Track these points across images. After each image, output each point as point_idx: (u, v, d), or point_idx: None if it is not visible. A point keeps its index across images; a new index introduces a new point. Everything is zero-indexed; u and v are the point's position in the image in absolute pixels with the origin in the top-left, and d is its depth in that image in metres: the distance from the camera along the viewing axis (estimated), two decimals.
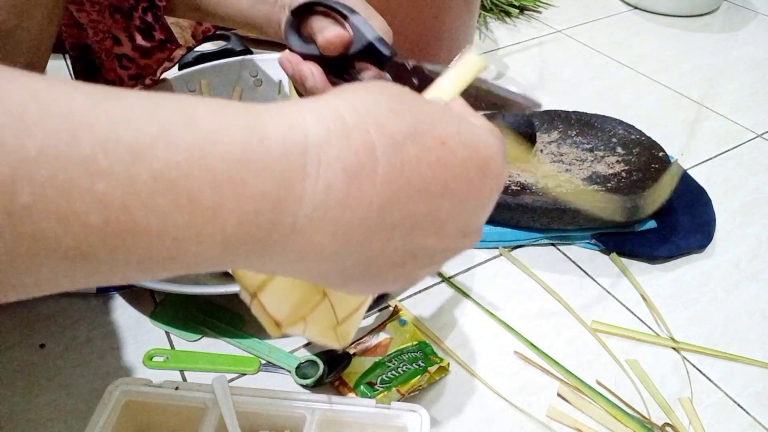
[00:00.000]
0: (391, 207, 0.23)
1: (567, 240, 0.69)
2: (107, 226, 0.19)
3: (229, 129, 0.21)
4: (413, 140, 0.24)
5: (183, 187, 0.19)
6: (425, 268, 0.28)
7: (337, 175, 0.22)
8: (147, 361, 0.55)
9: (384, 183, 0.23)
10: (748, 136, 0.88)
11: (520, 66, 1.03)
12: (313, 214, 0.22)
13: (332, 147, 0.22)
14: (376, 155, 0.23)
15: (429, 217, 0.25)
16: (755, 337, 0.59)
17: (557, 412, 0.52)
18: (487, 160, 0.26)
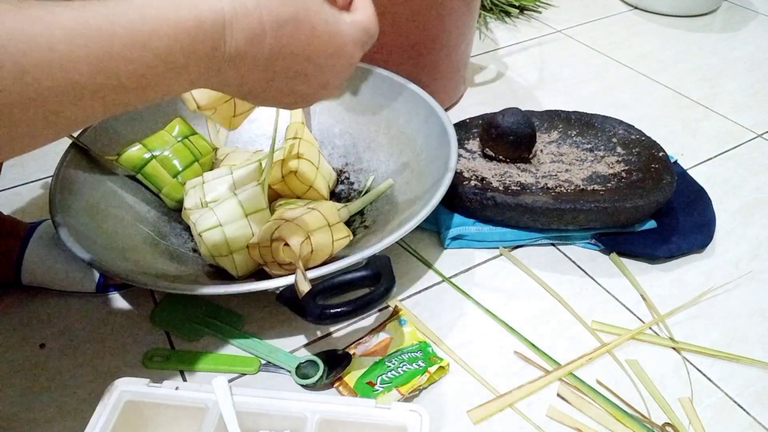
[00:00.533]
0: (274, 61, 0.38)
1: (567, 240, 0.69)
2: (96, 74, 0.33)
3: (184, 21, 0.34)
4: (292, 24, 0.38)
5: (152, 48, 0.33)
6: (300, 101, 0.43)
7: (241, 41, 0.36)
8: (147, 361, 0.55)
9: (270, 46, 0.37)
10: (748, 136, 0.88)
11: (520, 66, 1.04)
12: (230, 61, 0.37)
13: (239, 23, 0.36)
14: (265, 29, 0.37)
15: (299, 72, 0.40)
16: (755, 337, 0.59)
17: (557, 412, 0.52)
18: (342, 45, 0.41)
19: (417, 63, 0.82)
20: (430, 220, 0.70)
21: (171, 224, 0.67)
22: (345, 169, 0.76)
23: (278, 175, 0.65)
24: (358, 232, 0.66)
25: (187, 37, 0.34)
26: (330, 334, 0.59)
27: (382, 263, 0.52)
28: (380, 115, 0.76)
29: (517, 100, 0.94)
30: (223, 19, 0.35)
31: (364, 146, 0.76)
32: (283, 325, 0.59)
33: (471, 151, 0.77)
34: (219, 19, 0.35)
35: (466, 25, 0.85)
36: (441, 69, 0.86)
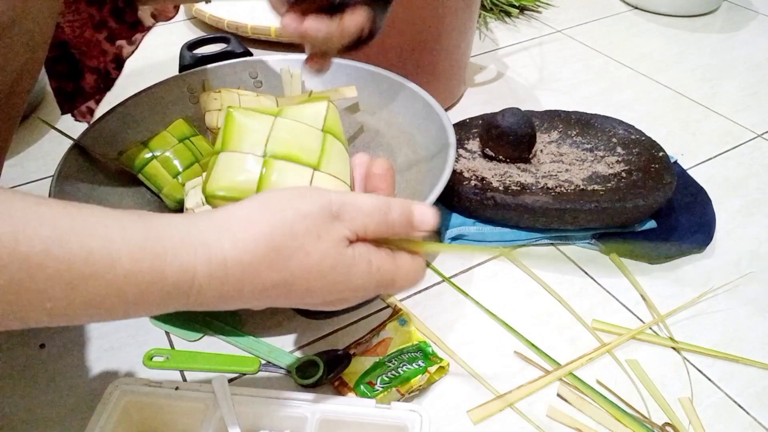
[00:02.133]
0: (261, 301, 0.35)
1: (567, 240, 0.69)
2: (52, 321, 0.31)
3: (139, 273, 0.31)
4: (280, 287, 0.34)
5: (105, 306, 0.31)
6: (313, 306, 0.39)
7: (211, 298, 0.33)
8: (147, 361, 0.55)
9: (246, 302, 0.35)
10: (748, 136, 0.88)
11: (520, 66, 1.04)
12: (194, 305, 0.34)
13: (211, 286, 0.33)
14: (243, 293, 0.34)
15: (298, 299, 0.36)
16: (755, 337, 0.59)
17: (557, 412, 0.52)
18: (347, 300, 0.37)
19: (417, 63, 0.82)
20: None
21: None
22: None
23: None
24: None
25: (141, 287, 0.31)
26: (330, 334, 0.59)
27: None
28: (380, 115, 0.76)
29: (517, 100, 0.94)
30: (191, 283, 0.32)
31: (364, 146, 0.76)
32: (283, 325, 0.59)
33: (471, 151, 0.77)
34: (187, 281, 0.32)
35: (466, 25, 0.85)
36: (441, 69, 0.86)
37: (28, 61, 0.48)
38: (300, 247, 0.34)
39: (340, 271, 0.35)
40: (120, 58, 0.66)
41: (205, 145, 0.70)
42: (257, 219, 0.34)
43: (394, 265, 0.38)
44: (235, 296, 0.34)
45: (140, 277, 0.31)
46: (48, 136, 0.86)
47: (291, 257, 0.34)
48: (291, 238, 0.34)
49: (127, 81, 0.99)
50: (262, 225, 0.34)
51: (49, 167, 0.80)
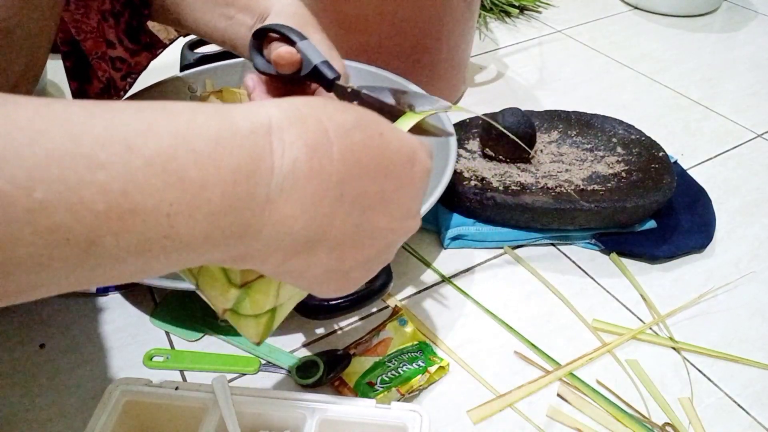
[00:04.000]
0: (347, 182, 0.27)
1: (567, 240, 0.69)
2: (111, 210, 0.22)
3: (205, 118, 0.24)
4: (358, 129, 0.28)
5: (172, 168, 0.23)
6: (382, 254, 0.32)
7: (300, 150, 0.26)
8: (147, 361, 0.55)
9: (339, 160, 0.27)
10: (748, 136, 0.88)
11: (520, 66, 1.04)
12: (283, 184, 0.25)
13: (293, 128, 0.26)
14: (329, 136, 0.27)
15: (378, 197, 0.29)
16: (755, 337, 0.59)
17: (557, 412, 0.52)
18: (415, 152, 0.31)
19: (417, 63, 0.82)
20: (430, 220, 0.70)
21: None
22: None
23: None
24: None
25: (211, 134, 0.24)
26: (330, 334, 0.59)
27: None
28: None
29: (517, 100, 0.94)
30: (268, 125, 0.26)
31: None
32: (283, 325, 0.59)
33: (471, 151, 0.77)
34: (263, 124, 0.25)
35: (466, 25, 0.85)
36: (441, 69, 0.86)
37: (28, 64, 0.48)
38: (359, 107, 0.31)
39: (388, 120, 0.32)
40: (131, 72, 0.66)
41: None
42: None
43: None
44: (325, 143, 0.26)
45: (207, 122, 0.24)
46: None
47: (348, 106, 0.30)
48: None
49: None
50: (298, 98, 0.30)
51: None
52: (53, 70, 1.01)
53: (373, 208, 0.29)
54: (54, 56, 1.10)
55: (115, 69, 0.64)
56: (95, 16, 0.59)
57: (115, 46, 0.62)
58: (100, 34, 0.60)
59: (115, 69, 0.64)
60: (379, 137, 0.29)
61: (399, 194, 0.30)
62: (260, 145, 0.25)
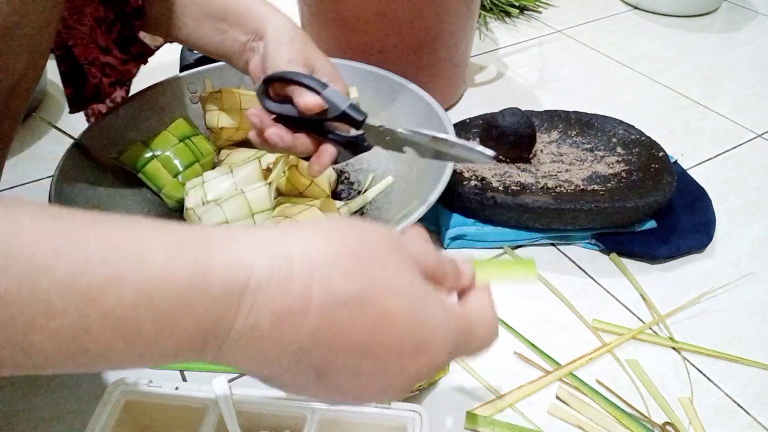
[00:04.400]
0: (309, 353, 0.25)
1: (567, 240, 0.69)
2: (59, 352, 0.22)
3: (177, 270, 0.23)
4: (353, 305, 0.25)
5: (128, 324, 0.23)
6: (341, 401, 0.30)
7: (265, 317, 0.24)
8: None
9: (309, 333, 0.25)
10: (748, 136, 0.88)
11: (520, 66, 1.04)
12: (237, 343, 0.25)
13: (269, 291, 0.24)
14: (309, 308, 0.25)
15: (346, 370, 0.26)
16: (755, 337, 0.59)
17: (559, 409, 0.52)
18: (427, 342, 0.27)
19: (417, 63, 0.82)
20: (430, 220, 0.70)
21: None
22: (345, 170, 0.76)
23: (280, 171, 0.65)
24: None
25: (178, 291, 0.23)
26: None
27: None
28: (380, 115, 0.76)
29: (517, 100, 0.94)
30: (245, 283, 0.24)
31: None
32: None
33: None
34: (240, 281, 0.24)
35: (466, 25, 0.85)
36: (441, 69, 0.86)
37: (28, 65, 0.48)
38: (377, 257, 0.27)
39: (419, 292, 0.28)
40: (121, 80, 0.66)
41: (206, 144, 0.70)
42: (326, 223, 0.28)
43: (465, 307, 0.31)
44: (300, 315, 0.25)
45: (178, 276, 0.23)
46: (48, 136, 0.86)
47: (368, 266, 0.26)
48: (365, 245, 0.27)
49: None
50: (331, 227, 0.27)
51: (49, 167, 0.80)
52: (53, 70, 1.01)
53: (335, 376, 0.27)
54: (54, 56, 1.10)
55: (104, 75, 0.64)
56: (88, 22, 0.59)
57: (106, 53, 0.62)
58: (92, 40, 0.61)
59: (104, 75, 0.64)
60: (380, 317, 0.26)
61: (379, 373, 0.27)
62: (227, 310, 0.24)
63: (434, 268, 0.30)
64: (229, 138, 0.72)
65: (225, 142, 0.72)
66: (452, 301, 0.31)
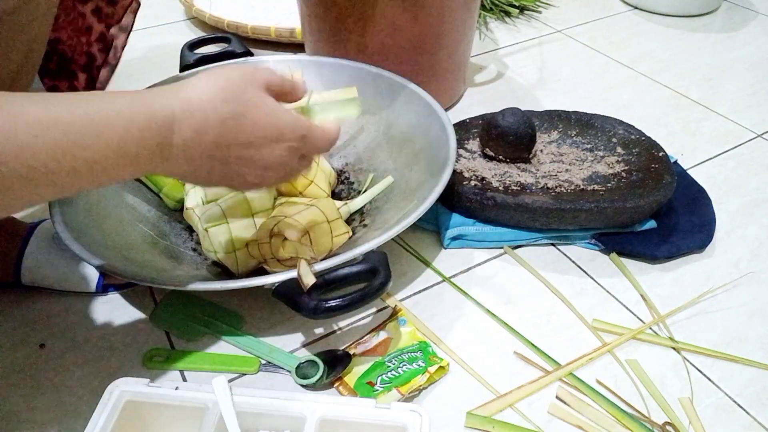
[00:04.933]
0: (217, 149, 0.43)
1: (567, 240, 0.69)
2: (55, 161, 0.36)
3: (138, 112, 0.40)
4: (233, 118, 0.43)
5: (122, 146, 0.39)
6: (246, 184, 0.47)
7: (188, 134, 0.42)
8: (147, 361, 0.55)
9: (213, 138, 0.42)
10: (748, 136, 0.88)
11: (520, 66, 1.04)
12: (178, 152, 0.42)
13: (185, 118, 0.41)
14: (209, 125, 0.42)
15: (242, 157, 0.44)
16: (755, 338, 0.59)
17: (559, 408, 0.52)
18: (283, 133, 0.45)
19: (417, 63, 0.82)
20: (430, 220, 0.70)
21: (171, 223, 0.67)
22: (345, 169, 0.76)
23: None
24: (357, 231, 0.66)
25: (138, 131, 0.39)
26: (330, 334, 0.59)
27: (379, 259, 0.52)
28: (380, 115, 0.76)
29: (517, 100, 0.94)
30: (172, 116, 0.41)
31: (364, 146, 0.76)
32: (283, 325, 0.59)
33: (471, 151, 0.77)
34: (168, 116, 0.40)
35: (467, 25, 0.85)
36: (441, 69, 0.86)
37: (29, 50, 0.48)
38: (238, 88, 0.43)
39: (270, 105, 0.45)
40: (106, 38, 0.67)
41: None
42: (206, 76, 0.44)
43: (307, 119, 0.48)
44: (203, 129, 0.42)
45: (139, 113, 0.39)
46: None
47: (235, 94, 0.43)
48: (232, 82, 0.43)
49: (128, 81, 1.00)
50: (212, 76, 0.43)
51: None
52: None
53: (237, 164, 0.45)
54: None
55: (99, 19, 0.67)
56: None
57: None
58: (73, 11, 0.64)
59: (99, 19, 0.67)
60: (251, 123, 0.43)
61: (259, 157, 0.45)
62: (168, 129, 0.41)
63: (279, 88, 0.48)
64: None
65: None
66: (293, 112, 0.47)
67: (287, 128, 0.45)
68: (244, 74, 0.44)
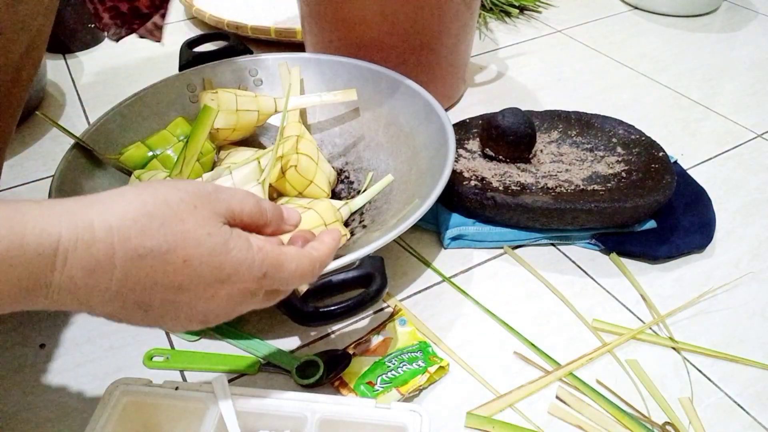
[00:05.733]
0: (129, 294, 0.33)
1: (567, 240, 0.69)
2: None
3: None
4: (153, 256, 0.32)
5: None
6: (176, 327, 0.37)
7: (78, 272, 0.31)
8: (147, 361, 0.55)
9: (118, 280, 0.32)
10: (748, 136, 0.88)
11: (520, 66, 1.04)
12: (61, 292, 0.31)
13: (77, 252, 0.30)
14: (114, 262, 0.31)
15: (167, 303, 0.34)
16: (755, 338, 0.59)
17: (559, 408, 0.52)
18: (230, 276, 0.35)
19: (417, 63, 0.82)
20: (430, 220, 0.70)
21: None
22: (345, 169, 0.76)
23: (278, 172, 0.65)
24: (356, 232, 0.66)
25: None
26: (330, 334, 0.59)
27: (375, 264, 0.52)
28: (380, 115, 0.76)
29: (517, 100, 0.94)
30: (55, 247, 0.30)
31: (364, 145, 0.76)
32: (283, 325, 0.59)
33: (471, 151, 0.77)
34: (49, 246, 0.30)
35: (467, 25, 0.85)
36: (441, 69, 0.86)
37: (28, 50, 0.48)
38: (174, 215, 0.33)
39: (218, 240, 0.34)
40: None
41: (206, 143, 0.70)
42: (126, 192, 0.33)
43: (279, 250, 0.37)
44: (107, 268, 0.31)
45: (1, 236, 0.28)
46: (48, 135, 0.86)
47: (164, 224, 0.33)
48: (164, 206, 0.33)
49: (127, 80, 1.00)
50: (131, 196, 0.33)
51: (49, 167, 0.80)
52: (53, 71, 1.01)
53: (161, 308, 0.34)
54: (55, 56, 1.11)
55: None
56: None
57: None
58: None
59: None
60: (182, 262, 0.33)
61: (194, 303, 0.35)
62: (43, 267, 0.30)
63: (251, 218, 0.37)
64: (225, 138, 0.72)
65: (222, 142, 0.72)
66: (262, 242, 0.37)
67: (241, 268, 0.35)
68: (192, 196, 0.34)
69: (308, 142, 0.67)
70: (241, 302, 0.37)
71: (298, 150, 0.65)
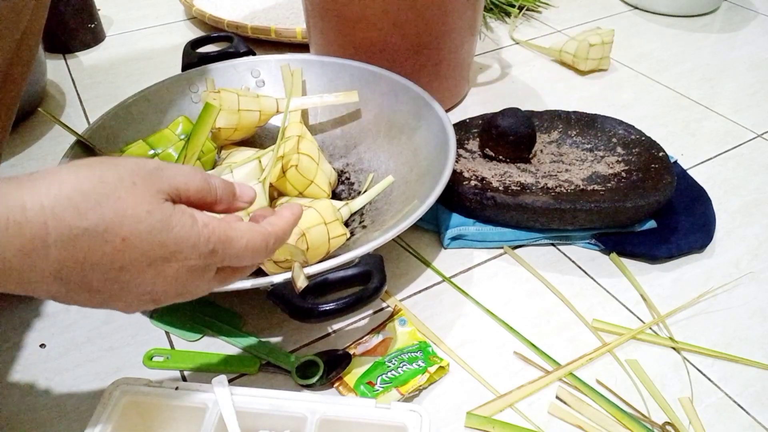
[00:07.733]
0: (67, 276, 0.32)
1: (567, 240, 0.69)
2: None
3: None
4: (90, 235, 0.31)
5: None
6: (128, 307, 0.36)
7: (13, 253, 0.30)
8: (147, 361, 0.56)
9: (56, 261, 0.31)
10: (748, 136, 0.88)
11: (521, 66, 1.03)
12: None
13: (9, 234, 0.29)
14: (48, 242, 0.30)
15: (109, 282, 0.33)
16: (755, 337, 0.59)
17: (558, 408, 0.52)
18: (174, 253, 0.34)
19: (420, 63, 0.82)
20: (430, 220, 0.70)
21: None
22: (345, 170, 0.76)
23: (279, 171, 0.65)
24: (356, 232, 0.66)
25: None
26: (330, 334, 0.59)
27: (374, 262, 0.52)
28: (381, 116, 0.76)
29: (517, 100, 0.94)
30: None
31: (365, 147, 0.76)
32: (283, 325, 0.59)
33: (471, 151, 0.77)
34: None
35: (470, 25, 0.85)
36: (444, 69, 0.86)
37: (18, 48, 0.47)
38: (111, 192, 0.32)
39: (158, 217, 0.33)
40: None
41: (207, 142, 0.70)
42: (62, 171, 0.32)
43: (228, 225, 0.36)
44: (40, 249, 0.30)
45: None
46: (48, 135, 0.86)
47: (100, 202, 0.31)
48: (100, 184, 0.32)
49: (127, 80, 1.00)
50: (66, 174, 0.32)
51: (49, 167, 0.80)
52: (53, 71, 1.01)
53: (102, 289, 0.33)
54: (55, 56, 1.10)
55: None
56: None
57: None
58: None
59: None
60: (120, 241, 0.32)
61: (137, 282, 0.34)
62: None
63: (198, 195, 0.36)
64: (227, 138, 0.72)
65: (223, 141, 0.72)
66: (208, 218, 0.36)
67: (185, 245, 0.34)
68: (131, 174, 0.33)
69: (309, 143, 0.67)
70: (191, 280, 0.36)
71: (299, 150, 0.65)
